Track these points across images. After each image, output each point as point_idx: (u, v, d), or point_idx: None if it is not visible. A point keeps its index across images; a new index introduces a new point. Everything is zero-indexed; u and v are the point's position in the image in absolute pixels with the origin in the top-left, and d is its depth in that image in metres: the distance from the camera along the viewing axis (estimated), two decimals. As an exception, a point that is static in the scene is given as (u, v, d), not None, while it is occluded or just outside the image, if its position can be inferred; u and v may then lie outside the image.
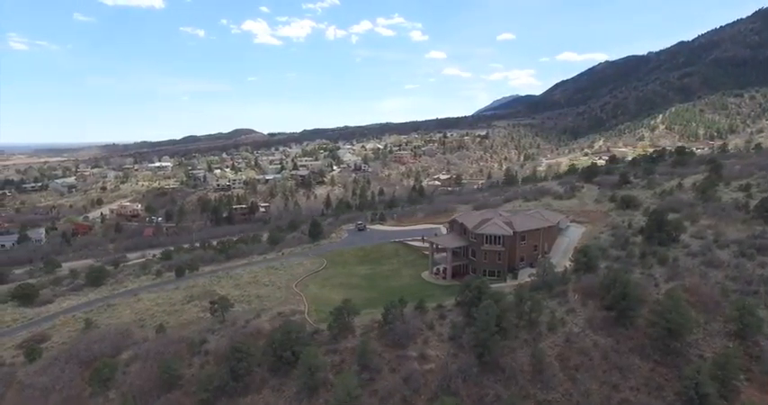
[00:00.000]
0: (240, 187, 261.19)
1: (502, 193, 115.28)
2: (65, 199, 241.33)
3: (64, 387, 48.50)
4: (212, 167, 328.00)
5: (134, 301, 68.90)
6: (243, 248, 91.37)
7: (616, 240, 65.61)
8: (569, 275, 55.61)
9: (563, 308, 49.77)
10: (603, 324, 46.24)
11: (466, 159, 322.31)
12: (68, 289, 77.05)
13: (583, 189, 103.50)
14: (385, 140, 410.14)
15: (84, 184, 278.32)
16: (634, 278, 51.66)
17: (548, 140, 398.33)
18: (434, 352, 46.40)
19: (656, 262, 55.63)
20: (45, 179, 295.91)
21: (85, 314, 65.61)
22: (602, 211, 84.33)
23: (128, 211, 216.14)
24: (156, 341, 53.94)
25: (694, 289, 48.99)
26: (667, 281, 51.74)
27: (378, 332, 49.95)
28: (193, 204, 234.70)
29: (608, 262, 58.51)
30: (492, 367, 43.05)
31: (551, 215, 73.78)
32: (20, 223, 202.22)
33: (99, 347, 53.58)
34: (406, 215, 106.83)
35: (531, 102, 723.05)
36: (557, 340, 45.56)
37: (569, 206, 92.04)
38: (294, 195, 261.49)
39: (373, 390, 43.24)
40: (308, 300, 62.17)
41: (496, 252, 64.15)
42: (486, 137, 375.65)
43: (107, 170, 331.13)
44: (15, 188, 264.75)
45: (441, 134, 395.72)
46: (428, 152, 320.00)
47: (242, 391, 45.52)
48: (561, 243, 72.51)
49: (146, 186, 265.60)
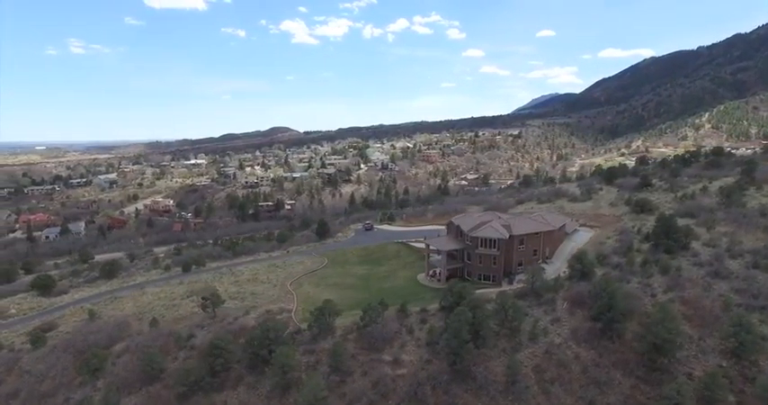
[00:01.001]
0: (268, 185, 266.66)
1: (517, 195, 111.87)
2: (105, 194, 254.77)
3: (57, 374, 50.90)
4: (244, 165, 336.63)
5: (139, 294, 71.49)
6: (250, 246, 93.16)
7: (621, 246, 62.21)
8: (562, 282, 53.21)
9: (549, 317, 47.67)
10: (588, 336, 43.93)
11: (496, 159, 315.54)
12: (84, 281, 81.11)
13: (601, 191, 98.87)
14: (416, 139, 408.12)
15: (123, 180, 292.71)
16: (629, 288, 49.10)
17: (583, 140, 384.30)
18: (409, 357, 45.50)
19: (658, 271, 52.25)
20: (90, 175, 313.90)
21: (93, 305, 68.63)
22: (615, 216, 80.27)
23: (160, 207, 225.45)
24: (147, 334, 55.67)
25: (694, 301, 45.83)
26: (666, 291, 48.57)
27: (356, 334, 49.50)
28: (222, 201, 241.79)
29: (606, 269, 55.57)
30: (464, 376, 41.73)
31: (555, 219, 70.86)
32: (63, 217, 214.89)
33: (95, 338, 55.86)
34: (415, 215, 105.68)
35: (570, 100, 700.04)
36: (536, 351, 43.67)
37: (582, 209, 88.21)
38: (320, 193, 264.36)
39: (342, 392, 42.89)
40: (298, 299, 62.50)
41: (491, 256, 62.20)
42: (519, 136, 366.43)
43: (146, 167, 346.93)
44: (63, 183, 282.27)
45: (472, 133, 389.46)
46: (457, 151, 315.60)
47: (218, 387, 46.22)
48: (566, 248, 69.52)
49: (179, 183, 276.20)
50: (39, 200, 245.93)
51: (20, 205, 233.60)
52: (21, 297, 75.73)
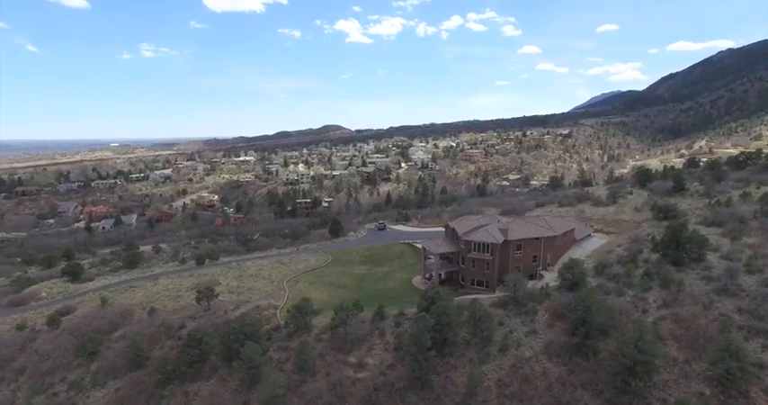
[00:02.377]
0: (308, 182, 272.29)
1: (540, 198, 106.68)
2: (158, 188, 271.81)
3: (59, 355, 54.89)
4: (288, 162, 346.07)
5: (151, 284, 75.53)
6: (264, 242, 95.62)
7: (628, 255, 57.66)
8: (549, 292, 50.15)
9: (525, 328, 45.16)
10: (562, 351, 41.18)
11: (542, 159, 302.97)
12: (109, 269, 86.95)
13: (630, 195, 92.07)
14: (461, 138, 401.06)
15: (177, 176, 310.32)
16: (618, 301, 45.50)
17: (640, 140, 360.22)
18: (374, 360, 44.82)
19: (659, 284, 47.89)
20: (147, 170, 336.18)
21: (110, 293, 73.33)
22: (635, 222, 74.54)
23: (205, 202, 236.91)
24: (143, 323, 58.65)
25: (688, 320, 41.68)
26: (660, 307, 44.53)
27: (329, 334, 49.40)
28: (263, 197, 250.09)
29: (602, 280, 51.71)
30: (422, 384, 40.47)
31: (560, 224, 66.87)
32: (120, 209, 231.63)
33: (98, 324, 59.75)
34: (430, 216, 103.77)
35: (632, 98, 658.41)
36: (504, 363, 41.55)
37: (603, 214, 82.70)
38: (358, 191, 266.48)
39: (302, 391, 42.99)
40: (290, 296, 63.33)
41: (484, 261, 59.80)
42: (569, 136, 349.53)
43: (198, 163, 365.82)
44: (124, 178, 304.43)
45: (520, 132, 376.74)
46: (501, 151, 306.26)
47: (193, 377, 47.92)
48: (572, 255, 65.37)
49: (226, 179, 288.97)
50: (102, 193, 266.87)
51: (86, 198, 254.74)
52: (53, 282, 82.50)
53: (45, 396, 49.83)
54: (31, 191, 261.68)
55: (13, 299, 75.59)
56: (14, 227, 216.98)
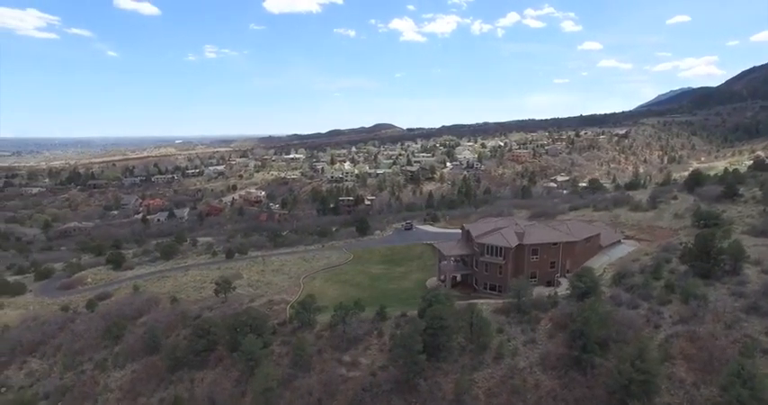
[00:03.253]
0: (352, 180, 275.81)
1: (576, 201, 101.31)
2: (210, 184, 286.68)
3: (90, 336, 59.47)
4: (335, 160, 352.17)
5: (181, 275, 79.82)
6: (293, 238, 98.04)
7: (654, 265, 53.58)
8: (557, 300, 47.69)
9: (524, 337, 43.33)
10: (558, 363, 39.15)
11: (595, 160, 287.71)
12: (148, 259, 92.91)
13: (674, 200, 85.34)
14: (511, 138, 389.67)
15: (229, 172, 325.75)
16: (628, 314, 42.34)
17: (708, 140, 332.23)
18: (368, 361, 44.83)
19: (680, 297, 44.16)
20: (202, 166, 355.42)
21: (144, 281, 78.36)
22: (672, 229, 69.13)
23: (252, 197, 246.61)
24: (165, 311, 62.13)
25: (704, 339, 38.14)
26: (675, 323, 41.10)
27: (329, 332, 49.92)
28: (307, 194, 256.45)
29: (618, 290, 48.44)
30: (409, 387, 39.95)
31: (583, 229, 63.26)
32: (174, 202, 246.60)
33: (127, 310, 64.07)
34: (459, 217, 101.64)
35: (703, 95, 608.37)
36: (496, 372, 40.14)
37: (639, 220, 77.39)
38: (401, 190, 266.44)
39: (295, 386, 43.82)
40: (303, 292, 64.50)
41: (497, 265, 57.91)
42: (626, 136, 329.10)
43: (250, 160, 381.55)
44: (181, 173, 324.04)
45: (573, 132, 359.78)
46: (551, 151, 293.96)
47: (200, 365, 50.19)
48: (597, 262, 61.85)
49: (274, 176, 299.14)
50: (161, 187, 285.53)
51: (146, 191, 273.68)
52: (98, 269, 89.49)
53: (74, 373, 54.21)
54: (100, 184, 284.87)
55: (64, 283, 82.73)
56: (85, 217, 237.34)
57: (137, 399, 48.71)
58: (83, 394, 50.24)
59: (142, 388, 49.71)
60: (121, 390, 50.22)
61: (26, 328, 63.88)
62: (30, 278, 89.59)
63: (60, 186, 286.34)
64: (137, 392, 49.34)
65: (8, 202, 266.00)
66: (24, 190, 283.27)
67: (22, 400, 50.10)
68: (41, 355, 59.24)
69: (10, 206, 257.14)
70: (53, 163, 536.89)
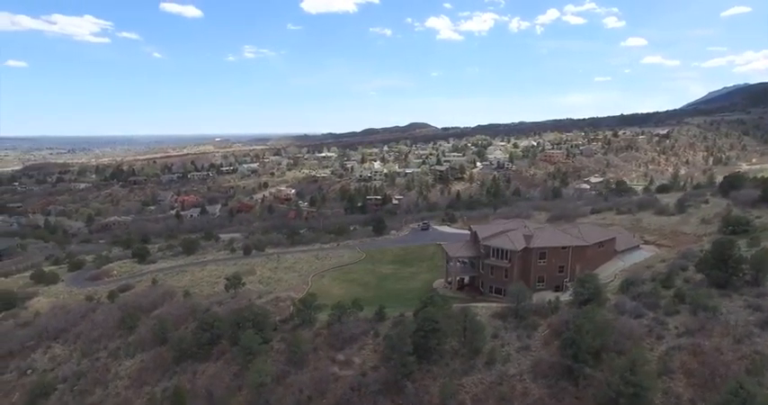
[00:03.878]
0: (381, 179, 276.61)
1: (600, 203, 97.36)
2: (243, 181, 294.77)
3: (107, 326, 62.36)
4: (366, 159, 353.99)
5: (199, 270, 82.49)
6: (310, 236, 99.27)
7: (668, 272, 50.90)
8: (559, 306, 46.12)
9: (519, 343, 42.20)
10: (550, 372, 37.96)
11: (633, 161, 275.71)
12: (171, 254, 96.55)
13: (705, 204, 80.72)
14: (545, 138, 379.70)
15: (263, 170, 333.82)
16: (629, 324, 40.43)
17: (763, 140, 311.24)
18: (361, 360, 44.91)
19: (689, 308, 41.76)
20: (237, 164, 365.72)
21: (164, 275, 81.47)
22: (697, 235, 65.42)
23: (282, 195, 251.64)
24: (178, 304, 64.38)
25: (708, 354, 36.04)
26: (680, 335, 38.93)
27: (328, 330, 50.31)
28: (336, 192, 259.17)
29: (624, 297, 46.29)
30: (397, 389, 39.76)
31: (595, 233, 60.83)
32: (207, 199, 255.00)
33: (143, 302, 66.83)
34: (476, 218, 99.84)
35: (761, 91, 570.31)
36: (486, 378, 39.34)
37: (662, 224, 73.69)
38: (429, 190, 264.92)
39: (289, 382, 44.45)
40: (310, 290, 65.32)
41: (502, 268, 56.68)
42: (667, 136, 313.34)
43: (283, 158, 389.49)
44: (216, 171, 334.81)
45: (611, 132, 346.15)
46: (586, 152, 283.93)
47: (203, 358, 51.74)
48: (610, 267, 59.52)
49: (305, 174, 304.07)
50: (196, 184, 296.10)
51: (181, 188, 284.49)
52: (124, 262, 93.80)
53: (89, 360, 57.13)
54: (140, 180, 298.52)
55: (92, 274, 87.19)
56: (125, 211, 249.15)
57: (142, 387, 50.77)
58: (95, 380, 52.84)
59: (148, 377, 51.77)
60: (130, 378, 52.50)
61: (53, 316, 67.77)
62: (64, 269, 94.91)
63: (104, 182, 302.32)
64: (143, 381, 51.44)
65: (59, 196, 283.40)
66: (73, 185, 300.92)
67: (43, 383, 53.35)
68: (64, 341, 62.62)
69: (60, 200, 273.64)
70: (102, 160, 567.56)
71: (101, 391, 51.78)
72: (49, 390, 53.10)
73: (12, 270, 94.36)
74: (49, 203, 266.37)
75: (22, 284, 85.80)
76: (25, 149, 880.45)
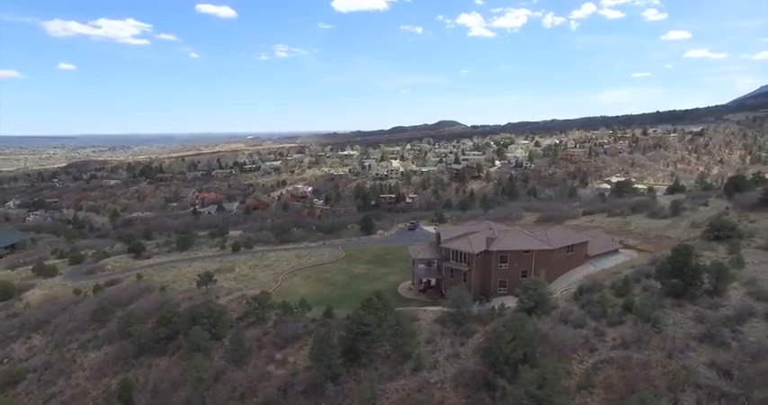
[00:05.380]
0: (397, 177, 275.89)
1: (595, 205, 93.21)
2: (263, 179, 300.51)
3: (82, 319, 64.83)
4: (386, 157, 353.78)
5: (186, 266, 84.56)
6: (298, 234, 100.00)
7: (625, 280, 48.20)
8: (503, 313, 44.56)
9: (451, 350, 41.08)
10: (471, 382, 36.77)
11: (660, 160, 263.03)
12: (167, 250, 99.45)
13: (703, 207, 76.02)
14: (570, 136, 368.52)
15: (285, 167, 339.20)
16: (565, 334, 38.55)
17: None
18: (295, 360, 44.81)
19: (634, 319, 39.45)
20: (260, 162, 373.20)
21: (153, 270, 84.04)
22: (681, 240, 61.55)
23: (298, 193, 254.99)
24: (149, 299, 66.23)
25: (635, 368, 33.81)
26: (615, 347, 36.87)
27: (275, 329, 50.53)
28: (351, 191, 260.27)
29: (573, 306, 44.21)
30: (319, 391, 39.46)
31: (567, 237, 58.27)
32: (227, 196, 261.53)
33: (122, 296, 69.29)
34: (466, 219, 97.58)
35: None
36: (409, 384, 38.57)
37: (650, 228, 69.96)
38: (444, 188, 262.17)
39: (227, 379, 44.93)
40: (278, 288, 65.88)
41: (461, 271, 55.22)
42: (701, 134, 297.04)
43: (305, 156, 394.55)
44: (239, 168, 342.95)
45: (639, 130, 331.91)
46: (610, 151, 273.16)
47: (160, 352, 53.12)
48: (579, 273, 56.98)
49: (324, 172, 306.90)
50: (218, 181, 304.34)
51: (204, 185, 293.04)
52: (120, 257, 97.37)
53: (60, 351, 59.51)
54: (166, 177, 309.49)
55: (88, 268, 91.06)
56: (149, 207, 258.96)
57: (101, 379, 52.50)
58: (60, 371, 55.03)
59: (108, 369, 53.48)
60: (92, 369, 54.38)
61: (38, 307, 71.15)
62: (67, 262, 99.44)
63: (133, 179, 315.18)
64: (102, 373, 53.18)
65: (91, 192, 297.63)
66: (104, 182, 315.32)
67: (14, 372, 56.01)
68: (44, 332, 65.60)
69: (92, 196, 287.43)
70: (138, 157, 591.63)
71: (63, 381, 53.82)
72: (19, 379, 55.54)
73: (19, 263, 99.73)
74: (81, 199, 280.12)
75: (24, 277, 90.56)
76: (71, 148, 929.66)
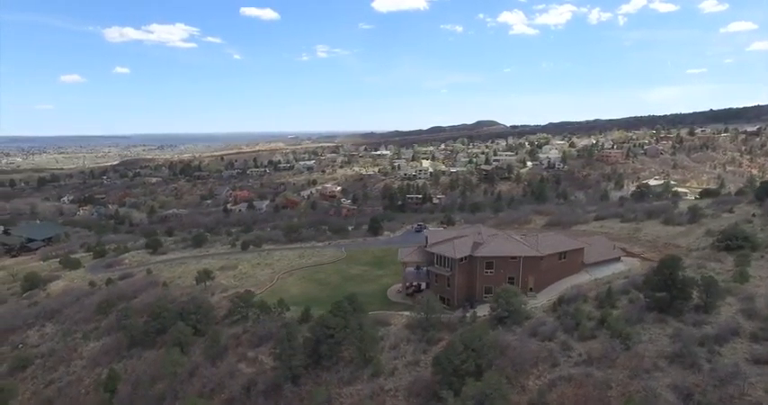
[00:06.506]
0: (425, 178, 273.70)
1: (608, 209, 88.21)
2: (294, 178, 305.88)
3: (89, 310, 68.30)
4: (418, 157, 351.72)
5: (195, 262, 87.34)
6: (306, 234, 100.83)
7: (608, 291, 45.42)
8: (474, 320, 43.15)
9: (413, 357, 40.26)
10: (424, 391, 35.94)
11: (707, 162, 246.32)
12: (182, 246, 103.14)
13: (727, 214, 70.44)
14: (608, 136, 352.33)
15: (318, 167, 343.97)
16: (528, 347, 36.80)
17: None
18: (266, 359, 45.24)
19: (609, 334, 37.11)
20: (294, 161, 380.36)
21: (164, 266, 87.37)
22: (690, 249, 57.44)
23: (327, 192, 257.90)
24: (153, 294, 68.85)
25: (592, 387, 31.85)
26: (578, 364, 34.87)
27: (254, 327, 51.27)
28: (379, 190, 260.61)
29: (550, 317, 42.15)
30: (280, 391, 39.63)
31: (559, 243, 55.58)
32: (258, 194, 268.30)
33: (129, 289, 72.46)
34: (474, 221, 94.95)
35: None
36: (364, 390, 38.01)
37: (660, 235, 65.59)
38: (473, 189, 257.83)
39: (203, 374, 46.10)
40: (271, 287, 66.91)
41: (445, 276, 53.95)
42: (757, 133, 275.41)
43: (338, 155, 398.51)
44: (273, 167, 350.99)
45: (686, 130, 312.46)
46: (650, 152, 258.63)
47: (149, 345, 55.22)
48: (572, 281, 54.27)
49: (355, 171, 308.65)
50: (252, 180, 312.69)
51: (238, 183, 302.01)
52: (138, 252, 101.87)
53: (65, 340, 63.00)
54: (203, 175, 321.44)
55: (109, 262, 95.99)
56: (185, 204, 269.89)
57: (95, 368, 55.23)
58: (61, 358, 58.33)
59: (102, 359, 56.18)
60: (89, 359, 57.28)
61: (55, 298, 75.62)
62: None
63: (173, 177, 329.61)
64: (97, 363, 55.93)
65: (134, 189, 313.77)
66: (147, 179, 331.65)
67: (23, 357, 59.89)
68: (56, 321, 69.68)
69: (134, 193, 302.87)
70: (183, 156, 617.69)
71: (63, 368, 57.03)
72: (28, 363, 59.42)
73: (51, 255, 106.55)
74: (125, 196, 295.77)
75: (53, 268, 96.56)
76: (124, 146, 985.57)
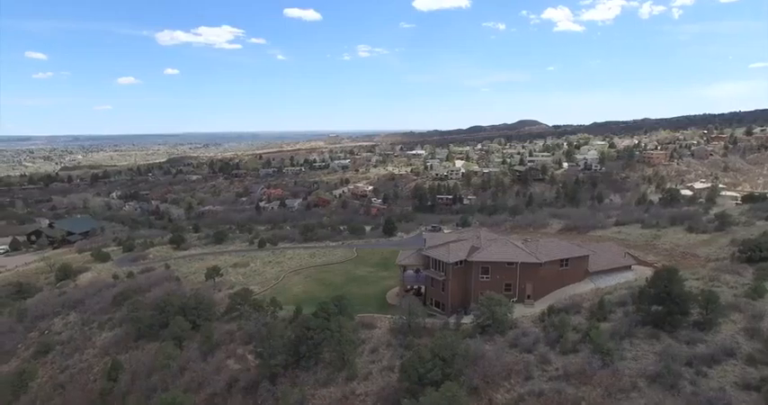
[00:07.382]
0: (457, 178, 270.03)
1: (631, 215, 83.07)
2: (327, 177, 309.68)
3: (107, 301, 71.91)
4: (452, 157, 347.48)
5: (212, 258, 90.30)
6: (321, 233, 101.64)
7: (616, 302, 43.02)
8: (458, 328, 42.06)
9: (388, 362, 39.84)
10: (392, 397, 35.55)
11: (765, 164, 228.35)
12: (204, 242, 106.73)
13: (761, 222, 65.01)
14: (654, 137, 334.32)
15: (352, 166, 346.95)
16: (506, 359, 35.47)
17: None
18: (251, 357, 45.98)
19: (592, 349, 35.14)
20: (329, 160, 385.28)
21: (183, 261, 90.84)
22: (709, 259, 53.46)
23: (359, 191, 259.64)
24: (165, 288, 71.66)
25: (561, 404, 30.09)
26: (553, 379, 33.30)
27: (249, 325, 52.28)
28: (410, 190, 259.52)
29: (535, 326, 40.45)
30: (257, 389, 40.23)
31: (562, 250, 53.02)
32: (292, 193, 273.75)
33: (144, 283, 75.77)
34: (489, 224, 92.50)
35: None
36: (334, 393, 38.07)
37: (679, 244, 61.36)
38: (505, 191, 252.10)
39: (193, 369, 47.55)
40: (276, 286, 68.10)
41: (439, 281, 52.88)
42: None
43: (373, 155, 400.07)
44: (309, 166, 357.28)
45: (743, 129, 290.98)
46: (698, 153, 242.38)
47: (153, 337, 57.47)
48: (575, 289, 51.85)
49: (388, 171, 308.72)
50: (287, 178, 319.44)
51: (273, 181, 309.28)
52: (162, 247, 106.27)
53: (84, 329, 66.71)
54: (240, 173, 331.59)
55: (134, 256, 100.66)
56: (222, 201, 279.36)
57: (104, 357, 58.11)
58: (76, 346, 61.83)
59: (111, 349, 59.12)
60: (100, 348, 60.41)
61: (81, 289, 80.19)
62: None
63: (212, 174, 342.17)
64: (106, 352, 58.89)
65: (175, 186, 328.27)
66: (188, 177, 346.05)
67: (46, 343, 64.00)
68: (79, 310, 73.90)
69: (175, 190, 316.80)
70: (225, 154, 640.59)
71: (78, 355, 60.42)
72: (49, 349, 63.46)
73: (86, 248, 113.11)
74: (167, 192, 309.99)
75: (85, 260, 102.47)
76: (172, 144, 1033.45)
